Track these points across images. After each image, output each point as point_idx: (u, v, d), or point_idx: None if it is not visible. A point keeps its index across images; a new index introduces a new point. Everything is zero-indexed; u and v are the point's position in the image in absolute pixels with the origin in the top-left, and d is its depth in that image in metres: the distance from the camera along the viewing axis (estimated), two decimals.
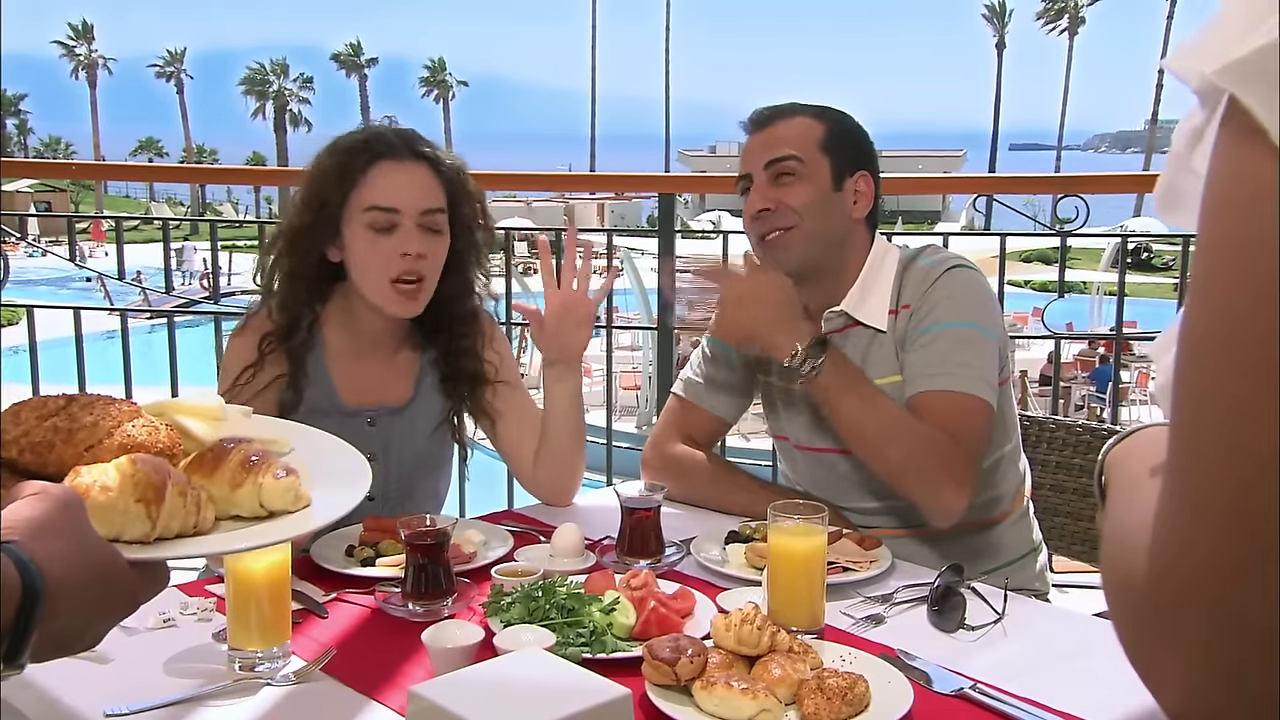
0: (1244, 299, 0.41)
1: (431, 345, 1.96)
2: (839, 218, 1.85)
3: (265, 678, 1.26)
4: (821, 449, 1.91)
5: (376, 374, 1.92)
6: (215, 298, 4.07)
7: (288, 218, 1.91)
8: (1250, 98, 0.41)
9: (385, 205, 1.79)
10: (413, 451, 1.93)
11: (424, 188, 1.82)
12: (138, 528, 0.87)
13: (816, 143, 1.83)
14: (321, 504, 1.03)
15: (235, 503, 0.99)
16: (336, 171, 1.82)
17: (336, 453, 1.14)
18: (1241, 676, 0.42)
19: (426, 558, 1.44)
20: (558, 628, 1.32)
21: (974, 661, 1.32)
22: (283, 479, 1.00)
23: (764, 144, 1.86)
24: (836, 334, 1.86)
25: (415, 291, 1.82)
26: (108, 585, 0.79)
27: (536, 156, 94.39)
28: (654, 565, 1.59)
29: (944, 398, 1.72)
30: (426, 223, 1.82)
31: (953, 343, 1.75)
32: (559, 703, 1.03)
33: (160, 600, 1.46)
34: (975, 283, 1.82)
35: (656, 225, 3.44)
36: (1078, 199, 3.16)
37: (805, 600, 1.40)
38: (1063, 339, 3.73)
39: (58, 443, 0.92)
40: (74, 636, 0.78)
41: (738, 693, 1.15)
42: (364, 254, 1.81)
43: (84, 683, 1.25)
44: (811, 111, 1.88)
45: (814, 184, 1.82)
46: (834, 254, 1.86)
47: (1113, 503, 0.63)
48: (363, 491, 1.04)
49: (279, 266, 1.88)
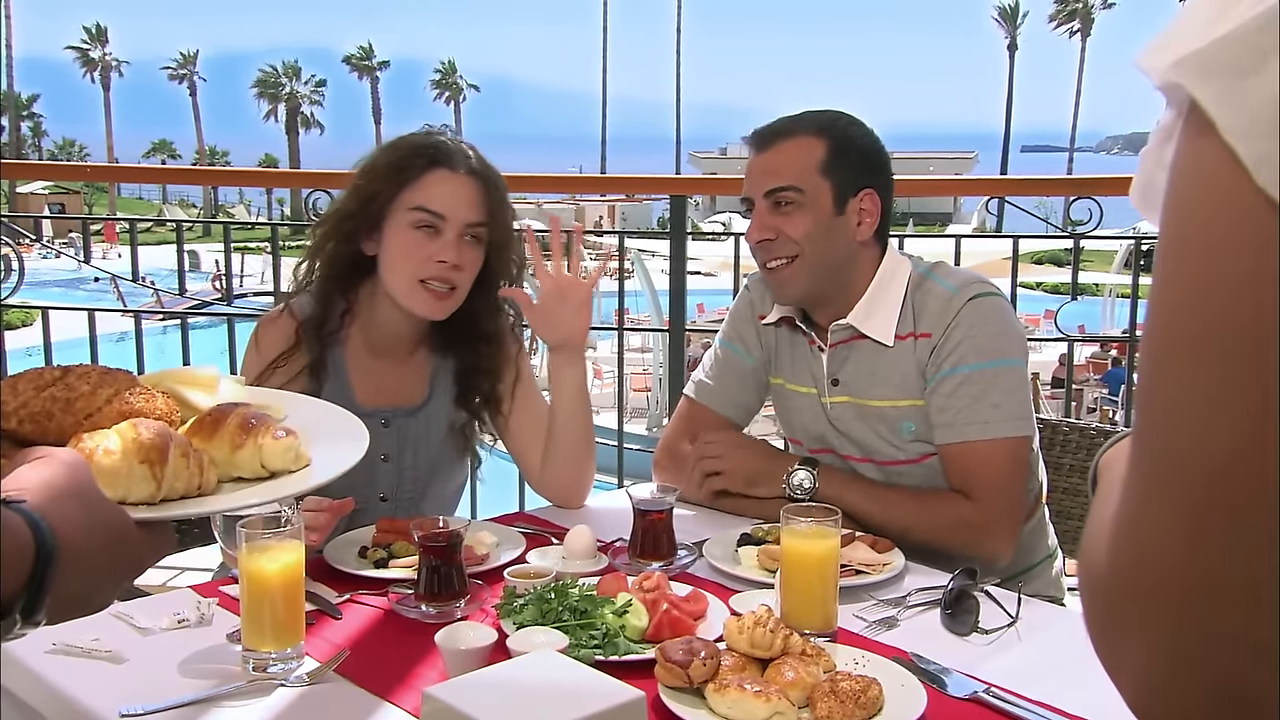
0: (1184, 296, 0.41)
1: (450, 353, 1.96)
2: (842, 242, 1.82)
3: (279, 679, 1.26)
4: (830, 453, 1.91)
5: (392, 375, 1.92)
6: (228, 299, 4.09)
7: (334, 204, 1.95)
8: (1200, 92, 0.40)
9: (434, 209, 1.82)
10: (426, 454, 1.93)
11: (472, 202, 1.85)
12: (143, 489, 0.88)
13: (817, 167, 1.79)
14: (321, 462, 1.03)
15: (236, 464, 0.99)
16: (393, 167, 1.85)
17: (333, 417, 1.15)
18: (1194, 668, 0.42)
19: (440, 559, 1.45)
20: (570, 630, 1.32)
21: (988, 665, 1.32)
22: (283, 439, 1.01)
23: (764, 169, 1.82)
24: (843, 345, 1.86)
25: (445, 296, 1.84)
26: (117, 546, 0.79)
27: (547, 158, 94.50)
28: (666, 567, 1.59)
29: (969, 449, 1.74)
30: (469, 234, 1.85)
31: (980, 386, 1.74)
32: (573, 705, 1.03)
33: (175, 601, 1.48)
34: (997, 310, 1.79)
35: (668, 227, 3.45)
36: (1090, 201, 3.15)
37: (818, 603, 1.39)
38: (1075, 341, 3.72)
39: (56, 412, 0.93)
40: (84, 598, 0.78)
41: (750, 695, 1.14)
42: (402, 250, 1.83)
43: (99, 683, 1.25)
44: (814, 128, 1.82)
45: (814, 212, 1.79)
46: (839, 277, 1.84)
47: (1094, 500, 0.63)
48: (362, 449, 1.05)
49: (320, 254, 1.90)
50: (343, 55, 65.07)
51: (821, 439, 1.91)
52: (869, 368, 1.84)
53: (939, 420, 1.77)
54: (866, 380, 1.84)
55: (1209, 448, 0.40)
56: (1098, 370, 12.68)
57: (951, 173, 37.83)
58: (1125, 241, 10.58)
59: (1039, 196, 4.73)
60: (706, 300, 12.31)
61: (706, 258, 12.49)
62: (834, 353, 1.87)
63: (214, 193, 36.88)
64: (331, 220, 1.90)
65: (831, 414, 1.89)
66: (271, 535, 1.28)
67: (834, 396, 1.88)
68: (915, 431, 1.82)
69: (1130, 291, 3.65)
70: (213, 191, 36.13)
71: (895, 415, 1.82)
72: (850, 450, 1.88)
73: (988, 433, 1.73)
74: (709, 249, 12.39)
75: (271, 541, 1.28)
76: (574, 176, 13.94)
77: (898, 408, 1.82)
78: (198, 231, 23.65)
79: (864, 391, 1.85)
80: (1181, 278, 0.41)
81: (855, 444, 1.87)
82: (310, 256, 1.92)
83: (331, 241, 1.89)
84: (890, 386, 1.82)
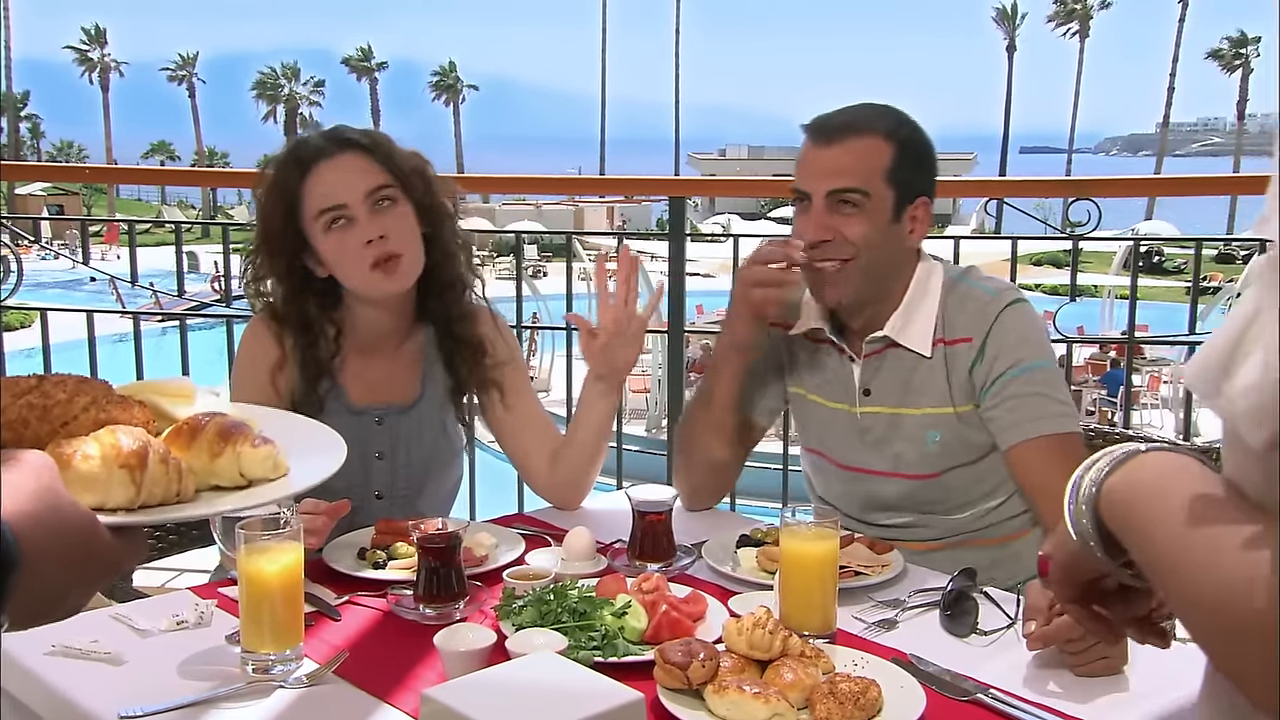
0: None
1: (437, 338, 1.97)
2: (896, 249, 1.78)
3: (278, 680, 1.26)
4: (863, 470, 1.85)
5: (383, 372, 1.93)
6: (227, 301, 4.08)
7: (251, 256, 1.90)
8: None
9: (331, 205, 1.81)
10: (421, 451, 1.94)
11: (361, 171, 1.83)
12: (122, 494, 0.87)
13: (883, 172, 1.73)
14: (300, 471, 1.03)
15: (215, 473, 0.99)
16: (277, 196, 1.84)
17: (309, 429, 1.15)
18: None
19: (438, 561, 1.45)
20: (569, 631, 1.32)
21: (986, 667, 1.32)
22: (261, 447, 1.01)
23: (828, 168, 1.74)
24: (875, 355, 1.83)
25: (394, 267, 1.82)
26: (86, 550, 0.77)
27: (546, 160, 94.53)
28: (665, 569, 1.59)
29: (1048, 445, 1.71)
30: (378, 199, 1.82)
31: (1046, 385, 1.74)
32: (572, 706, 1.03)
33: (174, 602, 1.48)
34: (1036, 315, 1.81)
35: (667, 229, 3.45)
36: (1089, 202, 3.15)
37: (817, 604, 1.39)
38: (1074, 343, 3.72)
39: (33, 419, 0.92)
40: (51, 602, 0.76)
41: (750, 697, 1.15)
42: (335, 255, 1.83)
43: (98, 684, 1.25)
44: (884, 128, 1.75)
45: (875, 217, 1.74)
46: (885, 284, 1.80)
47: (1172, 542, 0.61)
48: (339, 460, 1.04)
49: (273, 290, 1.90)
50: (342, 56, 64.99)
51: (849, 452, 1.87)
52: (903, 377, 1.80)
53: (1009, 420, 1.73)
54: (900, 390, 1.80)
55: None
56: (1096, 371, 12.67)
57: (950, 174, 37.39)
58: (1124, 243, 10.57)
59: (1038, 198, 4.73)
60: (705, 302, 12.32)
61: (705, 259, 12.50)
62: (866, 363, 1.83)
63: (213, 194, 36.83)
64: (260, 258, 1.88)
65: (862, 425, 1.84)
66: (270, 537, 1.28)
67: (865, 407, 1.83)
68: (940, 442, 1.78)
69: (1129, 293, 3.65)
70: (212, 193, 36.08)
71: (924, 425, 1.79)
72: (878, 464, 1.83)
73: (1063, 427, 1.72)
74: (708, 250, 12.39)
75: (270, 543, 1.28)
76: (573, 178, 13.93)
77: (928, 416, 1.79)
78: (196, 233, 23.67)
79: (897, 401, 1.81)
80: None
81: (885, 457, 1.82)
82: (276, 298, 1.90)
83: (279, 283, 1.88)
84: (924, 396, 1.79)
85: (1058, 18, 59.43)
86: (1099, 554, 0.72)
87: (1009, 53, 60.13)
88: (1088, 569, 0.74)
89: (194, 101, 59.76)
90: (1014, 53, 60.10)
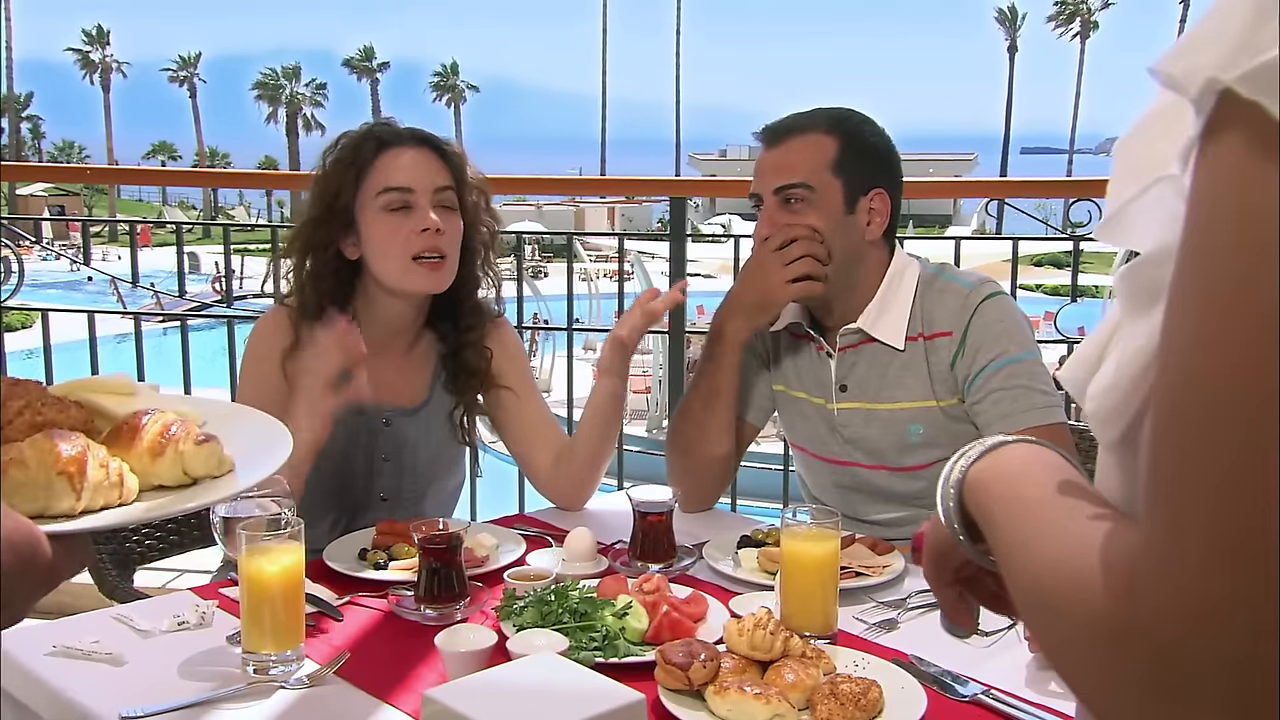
0: (1260, 331, 0.39)
1: (444, 345, 1.97)
2: (851, 242, 1.81)
3: (279, 681, 1.26)
4: (839, 461, 1.89)
5: (393, 371, 1.92)
6: (228, 301, 4.09)
7: (302, 217, 1.92)
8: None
9: (399, 185, 1.82)
10: (426, 454, 1.94)
11: (433, 168, 1.85)
12: (63, 502, 0.85)
13: (828, 165, 1.78)
14: (246, 467, 1.01)
15: (157, 473, 0.96)
16: (345, 163, 1.84)
17: (254, 421, 1.11)
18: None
19: (440, 561, 1.45)
20: (570, 632, 1.32)
21: (988, 667, 1.32)
22: (204, 444, 0.98)
23: (774, 166, 1.81)
24: (851, 349, 1.85)
25: (438, 265, 1.83)
26: (21, 559, 0.74)
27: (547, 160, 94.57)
28: (666, 569, 1.59)
29: (1043, 433, 1.69)
30: (441, 200, 1.84)
31: (1028, 376, 1.74)
32: (573, 707, 1.03)
33: (175, 603, 1.48)
34: (1015, 307, 1.82)
35: (668, 229, 3.45)
36: (1090, 202, 3.15)
37: (818, 605, 1.39)
38: (1075, 344, 3.71)
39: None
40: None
41: (751, 698, 1.15)
42: (383, 236, 1.82)
43: (99, 685, 1.25)
44: (826, 124, 1.81)
45: (825, 210, 1.78)
46: (848, 277, 1.82)
47: (1016, 525, 0.62)
48: (285, 454, 1.01)
49: (304, 275, 1.88)
50: (343, 58, 65.14)
51: (829, 447, 1.90)
52: (879, 372, 1.83)
53: (994, 412, 1.74)
54: (876, 384, 1.83)
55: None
56: None
57: (951, 174, 37.81)
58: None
59: (1039, 198, 4.73)
60: (706, 302, 12.32)
61: (706, 260, 12.48)
62: (842, 357, 1.86)
63: (214, 195, 36.89)
64: (303, 235, 1.87)
65: (838, 420, 1.87)
66: (271, 537, 1.28)
67: (842, 403, 1.87)
68: (923, 435, 1.80)
69: None
70: (213, 193, 36.13)
71: (904, 419, 1.81)
72: (858, 458, 1.87)
73: (1049, 418, 1.72)
74: (709, 251, 12.36)
75: (271, 543, 1.28)
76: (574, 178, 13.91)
77: (907, 411, 1.81)
78: (197, 233, 23.67)
79: (873, 396, 1.83)
80: (1255, 310, 0.39)
81: (864, 451, 1.86)
82: (296, 274, 1.89)
83: (309, 257, 1.87)
84: (901, 389, 1.81)
85: (1058, 18, 59.50)
86: (960, 538, 0.73)
87: (1010, 53, 60.21)
88: (956, 554, 0.75)
89: (195, 102, 59.83)
90: (1015, 53, 60.19)
